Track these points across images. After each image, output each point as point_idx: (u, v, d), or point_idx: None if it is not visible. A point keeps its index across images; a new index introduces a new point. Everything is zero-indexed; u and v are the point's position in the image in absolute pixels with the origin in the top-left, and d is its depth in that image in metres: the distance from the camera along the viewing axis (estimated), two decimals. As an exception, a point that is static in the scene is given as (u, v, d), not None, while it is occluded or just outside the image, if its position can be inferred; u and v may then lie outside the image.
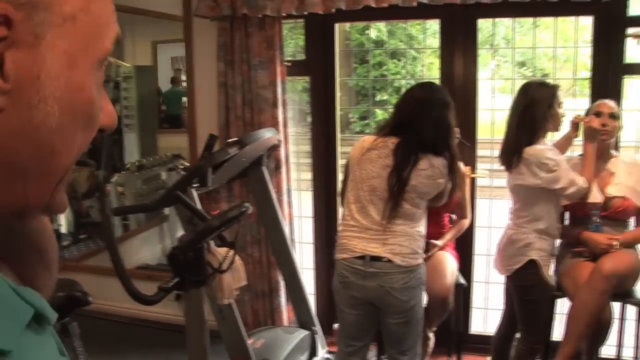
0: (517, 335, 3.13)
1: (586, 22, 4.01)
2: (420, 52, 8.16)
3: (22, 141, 0.50)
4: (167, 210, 4.38)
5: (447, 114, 2.63)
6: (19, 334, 0.52)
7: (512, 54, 4.77)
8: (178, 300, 2.40)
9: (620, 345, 3.19)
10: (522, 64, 8.84)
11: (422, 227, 2.68)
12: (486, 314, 3.96)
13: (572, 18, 3.71)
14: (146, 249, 4.47)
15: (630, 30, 3.28)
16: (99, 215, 2.79)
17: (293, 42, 4.93)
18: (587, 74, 3.58)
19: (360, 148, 2.71)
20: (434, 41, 7.60)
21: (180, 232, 4.49)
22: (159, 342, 3.91)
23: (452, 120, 2.66)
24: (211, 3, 3.43)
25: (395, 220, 2.58)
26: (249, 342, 2.89)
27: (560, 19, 3.92)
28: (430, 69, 9.68)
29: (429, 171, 2.58)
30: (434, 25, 6.22)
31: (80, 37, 0.52)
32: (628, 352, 3.25)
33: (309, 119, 4.37)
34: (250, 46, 3.48)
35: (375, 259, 2.58)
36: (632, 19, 3.25)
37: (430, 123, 2.59)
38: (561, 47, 4.50)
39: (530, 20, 4.30)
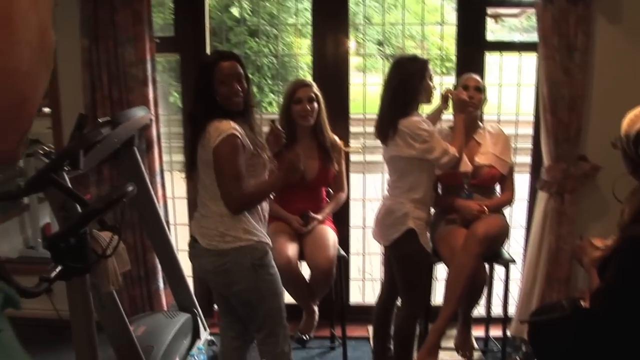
0: (398, 303, 3.25)
1: (437, 3, 4.19)
2: (281, 30, 8.17)
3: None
4: (26, 199, 4.07)
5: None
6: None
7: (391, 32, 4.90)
8: (48, 294, 2.23)
9: (489, 304, 3.41)
10: (380, 43, 9.19)
11: None
12: (362, 285, 4.08)
13: None
14: (5, 241, 4.12)
15: (490, 10, 3.49)
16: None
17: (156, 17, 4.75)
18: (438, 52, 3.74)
19: None
20: (296, 19, 7.68)
21: (44, 221, 4.22)
22: (34, 341, 3.63)
23: None
24: (72, -27, 3.20)
25: (208, 200, 2.52)
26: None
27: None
28: (289, 47, 9.79)
29: (206, 139, 2.45)
30: (297, 3, 6.25)
31: None
32: (497, 309, 3.49)
33: (172, 99, 4.22)
34: (116, 21, 3.29)
35: (195, 240, 2.57)
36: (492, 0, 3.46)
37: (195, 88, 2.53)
38: (430, 24, 4.65)
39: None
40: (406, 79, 2.94)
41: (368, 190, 4.01)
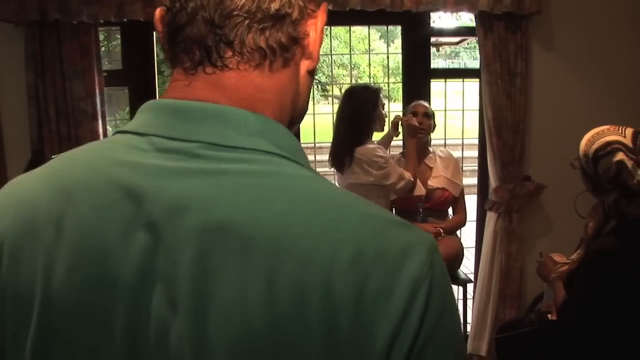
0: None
1: (366, 32, 4.29)
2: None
3: (297, 97, 0.73)
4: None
5: None
6: None
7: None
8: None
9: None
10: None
11: None
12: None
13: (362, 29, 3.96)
14: None
15: (432, 39, 3.63)
16: None
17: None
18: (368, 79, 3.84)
19: None
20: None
21: None
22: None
23: None
24: (16, 6, 3.10)
25: None
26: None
27: (345, 29, 4.19)
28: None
29: None
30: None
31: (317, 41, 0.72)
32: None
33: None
34: (64, 55, 3.22)
35: None
36: (434, 30, 3.60)
37: None
38: (394, 54, 4.77)
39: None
40: (359, 108, 3.01)
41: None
